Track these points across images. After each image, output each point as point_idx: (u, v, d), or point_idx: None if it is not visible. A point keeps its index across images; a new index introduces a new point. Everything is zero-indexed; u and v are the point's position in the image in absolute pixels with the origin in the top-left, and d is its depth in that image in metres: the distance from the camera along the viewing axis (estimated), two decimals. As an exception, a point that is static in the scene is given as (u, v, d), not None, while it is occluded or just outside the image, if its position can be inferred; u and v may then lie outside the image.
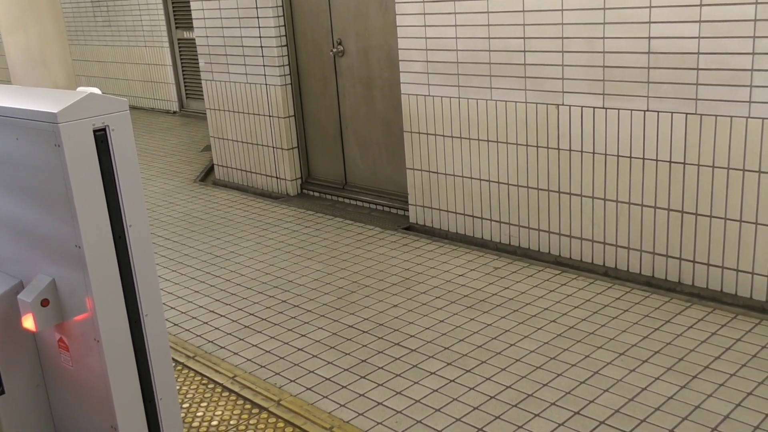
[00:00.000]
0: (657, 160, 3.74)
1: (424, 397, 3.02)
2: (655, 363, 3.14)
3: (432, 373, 3.19)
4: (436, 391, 3.06)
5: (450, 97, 4.58)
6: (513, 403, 2.94)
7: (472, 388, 3.06)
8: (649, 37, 3.62)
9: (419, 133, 4.82)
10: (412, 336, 3.53)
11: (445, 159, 4.72)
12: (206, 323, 3.85)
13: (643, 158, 3.79)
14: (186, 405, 3.09)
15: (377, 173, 5.53)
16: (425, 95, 4.71)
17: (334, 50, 5.52)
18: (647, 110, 3.72)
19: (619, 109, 3.82)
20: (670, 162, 3.70)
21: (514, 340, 3.42)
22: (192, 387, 3.23)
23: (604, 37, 3.79)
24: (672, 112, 3.64)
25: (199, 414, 3.02)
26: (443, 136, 4.68)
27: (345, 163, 5.76)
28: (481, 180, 4.55)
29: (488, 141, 4.45)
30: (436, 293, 3.97)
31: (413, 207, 5.02)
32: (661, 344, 3.29)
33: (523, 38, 4.12)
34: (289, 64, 5.81)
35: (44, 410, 2.45)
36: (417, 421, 2.87)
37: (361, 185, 5.66)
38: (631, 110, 3.78)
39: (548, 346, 3.35)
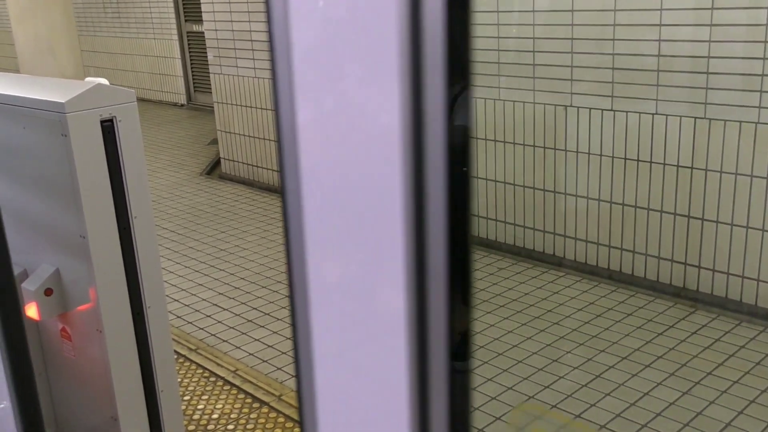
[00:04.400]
0: (664, 164, 3.73)
1: (425, 395, 3.02)
2: (657, 368, 3.13)
3: (433, 372, 3.19)
4: (437, 390, 3.05)
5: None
6: (514, 404, 2.93)
7: (474, 389, 3.05)
8: (660, 40, 3.60)
9: (426, 131, 4.81)
10: (414, 334, 3.52)
11: (451, 158, 4.70)
12: (209, 316, 3.85)
13: (651, 162, 3.78)
14: (187, 398, 3.09)
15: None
16: (433, 93, 4.70)
17: (343, 46, 5.51)
18: (656, 113, 3.70)
19: (627, 112, 3.81)
20: (678, 166, 3.68)
21: (516, 342, 3.41)
22: (193, 380, 3.23)
23: (613, 39, 3.77)
24: (681, 116, 3.62)
25: (200, 407, 3.02)
26: (450, 134, 4.67)
27: (351, 160, 5.75)
28: (487, 180, 4.54)
29: (495, 141, 4.44)
30: (440, 292, 3.96)
31: (418, 205, 5.01)
32: (664, 349, 3.27)
33: (533, 38, 4.10)
34: (297, 60, 5.80)
35: (45, 399, 2.45)
36: (417, 419, 2.87)
37: (367, 182, 5.65)
38: (640, 113, 3.76)
39: (551, 348, 3.34)
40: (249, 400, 3.04)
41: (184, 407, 3.01)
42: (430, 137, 0.54)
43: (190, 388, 3.16)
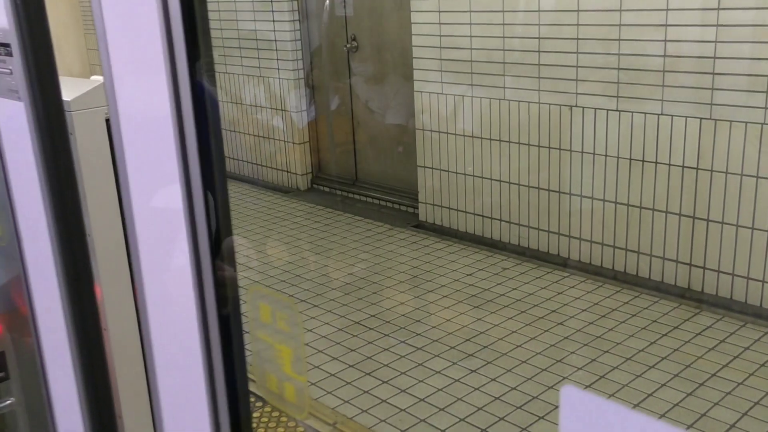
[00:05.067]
0: (669, 165, 3.72)
1: (429, 396, 3.02)
2: (661, 369, 3.12)
3: (437, 372, 3.19)
4: (441, 390, 3.05)
5: (463, 96, 4.56)
6: (517, 404, 2.93)
7: (477, 389, 3.05)
8: (665, 40, 3.59)
9: (431, 131, 4.81)
10: (418, 334, 3.52)
11: (456, 158, 4.70)
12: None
13: (656, 162, 3.77)
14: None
15: (388, 170, 5.53)
16: (438, 93, 4.70)
17: (348, 46, 5.51)
18: (661, 114, 3.69)
19: (632, 112, 3.80)
20: (683, 167, 3.67)
21: (520, 342, 3.41)
22: (197, 378, 3.23)
23: (619, 39, 3.76)
24: (686, 117, 3.61)
25: (203, 405, 3.02)
26: (455, 134, 4.67)
27: (356, 159, 5.75)
28: (492, 180, 4.53)
29: (500, 141, 4.43)
30: (444, 292, 3.96)
31: (423, 205, 5.01)
32: (669, 350, 3.27)
33: (538, 38, 4.10)
34: (302, 59, 5.81)
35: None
36: (421, 419, 2.87)
37: (372, 182, 5.66)
38: (645, 113, 3.75)
39: (555, 348, 3.34)
40: (252, 399, 3.05)
41: (187, 405, 3.01)
42: (185, 113, 0.83)
43: (194, 387, 3.16)
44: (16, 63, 1.15)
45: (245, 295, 1.08)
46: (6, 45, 1.17)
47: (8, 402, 1.43)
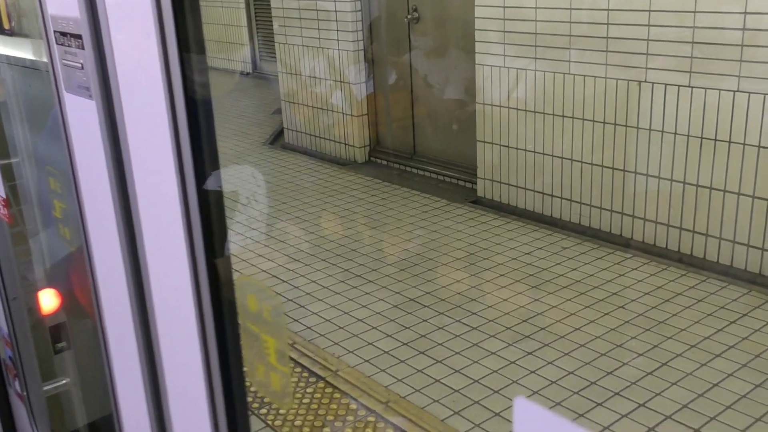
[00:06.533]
0: (744, 144, 3.54)
1: (483, 377, 2.97)
2: (729, 358, 2.99)
3: (492, 353, 3.13)
4: (496, 372, 3.00)
5: (526, 70, 4.43)
6: (575, 389, 2.85)
7: (533, 372, 2.98)
8: (745, 13, 3.39)
9: (492, 105, 4.69)
10: (473, 313, 3.47)
11: (517, 133, 4.58)
12: (272, 287, 3.87)
13: (730, 141, 3.59)
14: (246, 369, 3.11)
15: (446, 144, 5.44)
16: (500, 66, 4.57)
17: (409, 17, 5.41)
18: (737, 90, 3.51)
19: (706, 89, 3.61)
20: (759, 147, 3.49)
21: (579, 324, 3.32)
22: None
23: (695, 11, 3.57)
24: (765, 94, 3.41)
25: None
26: (516, 109, 4.55)
27: (414, 133, 5.68)
28: (553, 156, 4.41)
29: (563, 116, 4.29)
30: (501, 270, 3.89)
31: (482, 180, 4.92)
32: (737, 339, 3.13)
33: (607, 10, 3.93)
34: (362, 30, 5.74)
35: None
36: (474, 401, 2.82)
37: (430, 156, 5.58)
38: (720, 90, 3.56)
39: (615, 332, 3.24)
40: (306, 374, 3.05)
41: (242, 378, 3.04)
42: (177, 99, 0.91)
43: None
44: (87, 57, 1.02)
45: (237, 281, 1.11)
46: (77, 36, 1.03)
47: (63, 382, 1.44)
